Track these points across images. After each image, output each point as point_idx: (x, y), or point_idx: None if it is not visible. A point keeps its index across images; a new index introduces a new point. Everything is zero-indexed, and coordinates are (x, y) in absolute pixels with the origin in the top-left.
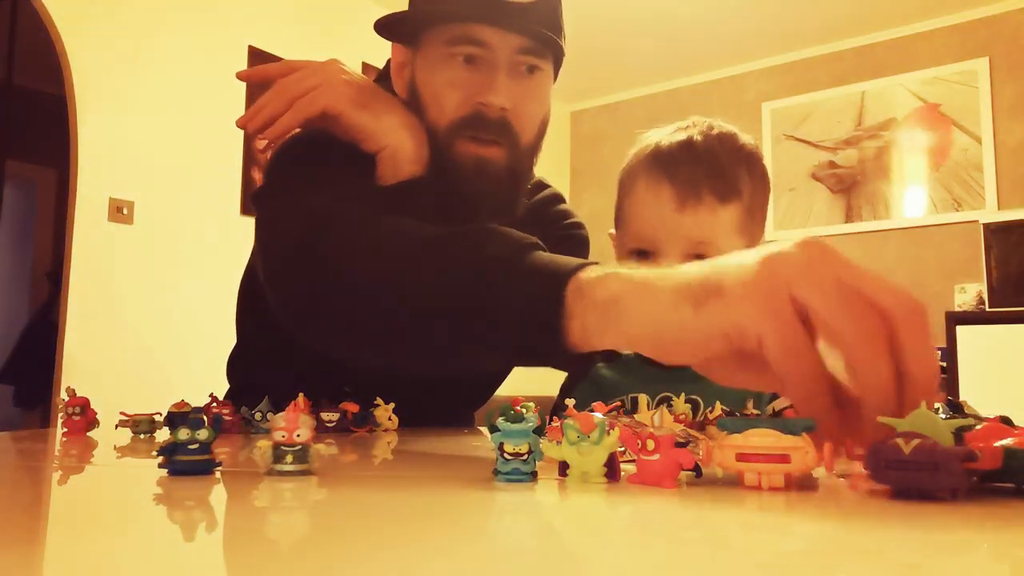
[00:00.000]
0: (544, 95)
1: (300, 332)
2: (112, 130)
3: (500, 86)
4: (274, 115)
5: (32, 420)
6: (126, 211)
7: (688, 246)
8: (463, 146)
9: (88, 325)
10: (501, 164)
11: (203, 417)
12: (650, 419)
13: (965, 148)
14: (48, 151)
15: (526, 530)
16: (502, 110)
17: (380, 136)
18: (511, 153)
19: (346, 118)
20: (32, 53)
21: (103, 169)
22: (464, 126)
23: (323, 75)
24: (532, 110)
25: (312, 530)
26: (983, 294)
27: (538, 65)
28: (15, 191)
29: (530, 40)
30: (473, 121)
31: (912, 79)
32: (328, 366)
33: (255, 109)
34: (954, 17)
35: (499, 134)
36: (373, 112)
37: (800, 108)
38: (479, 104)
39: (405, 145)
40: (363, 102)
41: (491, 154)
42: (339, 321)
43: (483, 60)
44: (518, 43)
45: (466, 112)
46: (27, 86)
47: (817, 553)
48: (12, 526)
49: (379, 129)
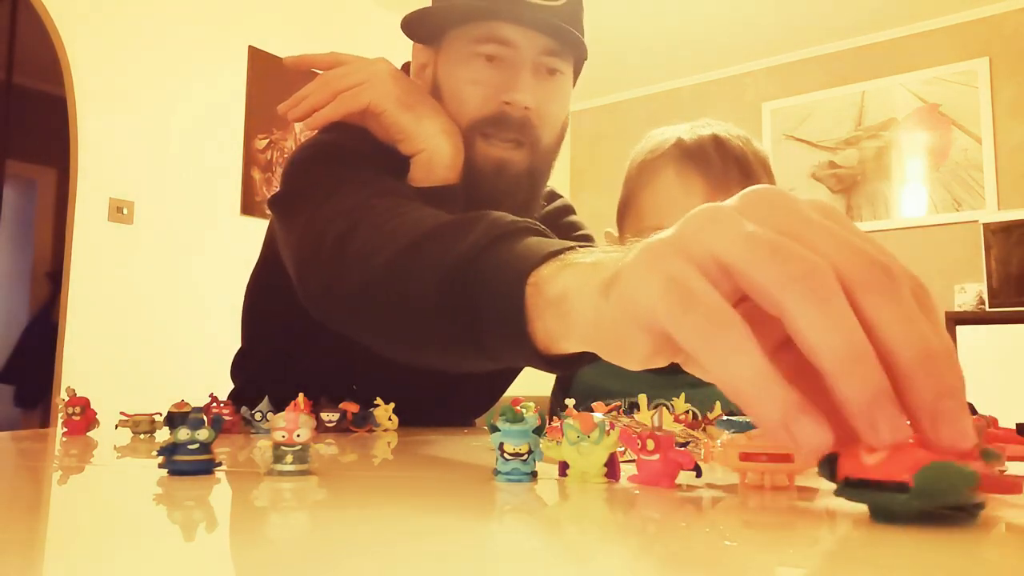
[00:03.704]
0: (565, 98)
1: (333, 325)
2: (112, 130)
3: (525, 85)
4: (316, 105)
5: (32, 420)
6: (126, 211)
7: None
8: (484, 147)
9: (88, 325)
10: (522, 166)
11: (203, 417)
12: (650, 419)
13: (965, 148)
14: (48, 151)
15: (526, 530)
16: (526, 110)
17: (419, 139)
18: (531, 154)
19: (388, 116)
20: (32, 53)
21: (103, 169)
22: (487, 125)
23: (370, 71)
24: (554, 112)
25: (312, 530)
26: (983, 294)
27: (559, 68)
28: (15, 191)
29: (555, 41)
30: (496, 120)
31: (912, 79)
32: (334, 368)
33: (298, 98)
34: (954, 17)
35: (521, 134)
36: (416, 114)
37: (800, 108)
38: (503, 103)
39: (442, 150)
40: (408, 103)
41: (512, 155)
42: (358, 313)
43: (507, 59)
44: (543, 44)
45: (490, 111)
46: (27, 86)
47: (821, 553)
48: (12, 526)
49: (420, 132)
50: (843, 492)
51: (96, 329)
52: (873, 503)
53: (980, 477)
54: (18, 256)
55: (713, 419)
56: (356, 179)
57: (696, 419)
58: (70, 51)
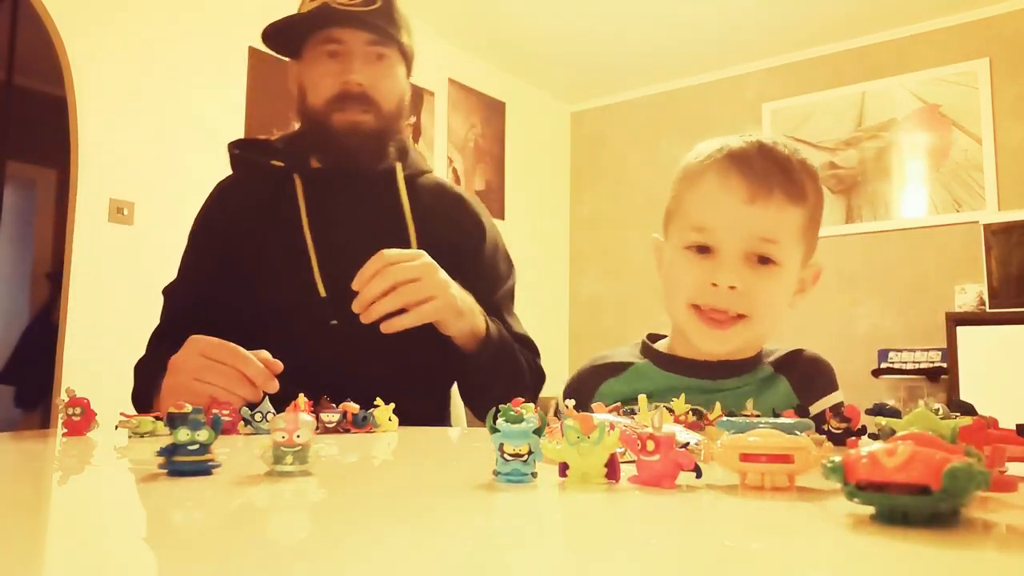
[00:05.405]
0: (395, 74)
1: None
2: (112, 130)
3: (356, 68)
4: (386, 311)
5: (32, 420)
6: (126, 212)
7: (752, 242)
8: (340, 116)
9: (88, 325)
10: (370, 126)
11: (203, 418)
12: (650, 420)
13: (965, 149)
14: (48, 151)
15: (526, 531)
16: (360, 86)
17: (455, 332)
18: (377, 118)
19: (446, 327)
20: (32, 53)
21: (103, 170)
22: (337, 100)
23: (435, 285)
24: (387, 86)
25: (312, 530)
26: (983, 295)
27: (385, 54)
28: (15, 191)
29: (375, 34)
30: (342, 96)
31: (912, 79)
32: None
33: (364, 296)
34: (954, 17)
35: (363, 104)
36: (461, 314)
37: (800, 108)
38: (343, 83)
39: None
40: (461, 310)
41: (361, 119)
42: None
43: (342, 52)
44: (366, 37)
45: (337, 91)
46: (27, 86)
47: (821, 553)
48: (12, 526)
49: (460, 329)
50: (856, 495)
51: (96, 329)
52: (892, 506)
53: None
54: (18, 256)
55: (713, 420)
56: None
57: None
58: (70, 51)
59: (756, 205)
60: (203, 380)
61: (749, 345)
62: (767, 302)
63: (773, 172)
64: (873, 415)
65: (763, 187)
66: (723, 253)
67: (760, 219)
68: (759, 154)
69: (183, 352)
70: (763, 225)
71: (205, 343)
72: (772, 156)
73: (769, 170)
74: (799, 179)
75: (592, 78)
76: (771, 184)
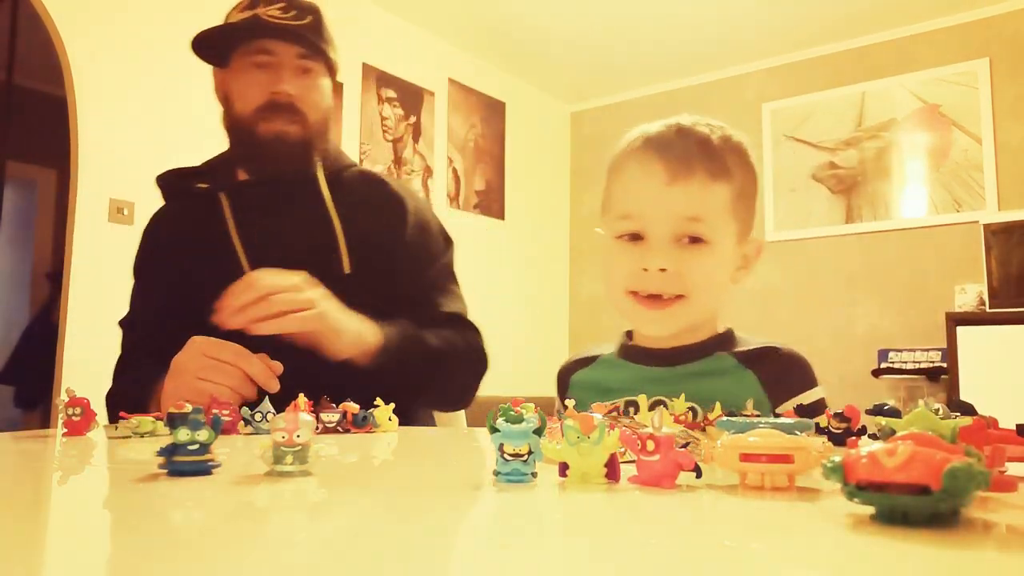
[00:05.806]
0: (321, 87)
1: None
2: (112, 130)
3: (285, 79)
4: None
5: (32, 420)
6: (126, 212)
7: (679, 223)
8: (265, 125)
9: (88, 325)
10: (297, 135)
11: (203, 418)
12: (650, 420)
13: (965, 149)
14: (48, 151)
15: (526, 530)
16: (288, 96)
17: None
18: (303, 128)
19: (328, 345)
20: (32, 53)
21: (103, 170)
22: (263, 110)
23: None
24: (314, 98)
25: (312, 530)
26: (983, 295)
27: (311, 68)
28: (15, 191)
29: (304, 48)
30: (269, 106)
31: (912, 79)
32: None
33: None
34: (954, 18)
35: (291, 113)
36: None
37: (800, 109)
38: (272, 94)
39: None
40: (339, 329)
41: (287, 128)
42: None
43: (271, 64)
44: (295, 51)
45: (263, 100)
46: (27, 86)
47: (821, 553)
48: (12, 526)
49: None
50: (856, 495)
51: (96, 329)
52: (892, 506)
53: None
54: (18, 256)
55: (713, 419)
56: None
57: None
58: (70, 51)
59: (677, 186)
60: (207, 379)
61: (695, 326)
62: (702, 280)
63: (692, 151)
64: (873, 415)
65: (683, 167)
66: (652, 238)
67: (682, 199)
68: (677, 136)
69: (185, 352)
70: (686, 204)
71: (207, 343)
72: (691, 136)
73: (688, 150)
74: (720, 156)
75: (592, 78)
76: (691, 163)
